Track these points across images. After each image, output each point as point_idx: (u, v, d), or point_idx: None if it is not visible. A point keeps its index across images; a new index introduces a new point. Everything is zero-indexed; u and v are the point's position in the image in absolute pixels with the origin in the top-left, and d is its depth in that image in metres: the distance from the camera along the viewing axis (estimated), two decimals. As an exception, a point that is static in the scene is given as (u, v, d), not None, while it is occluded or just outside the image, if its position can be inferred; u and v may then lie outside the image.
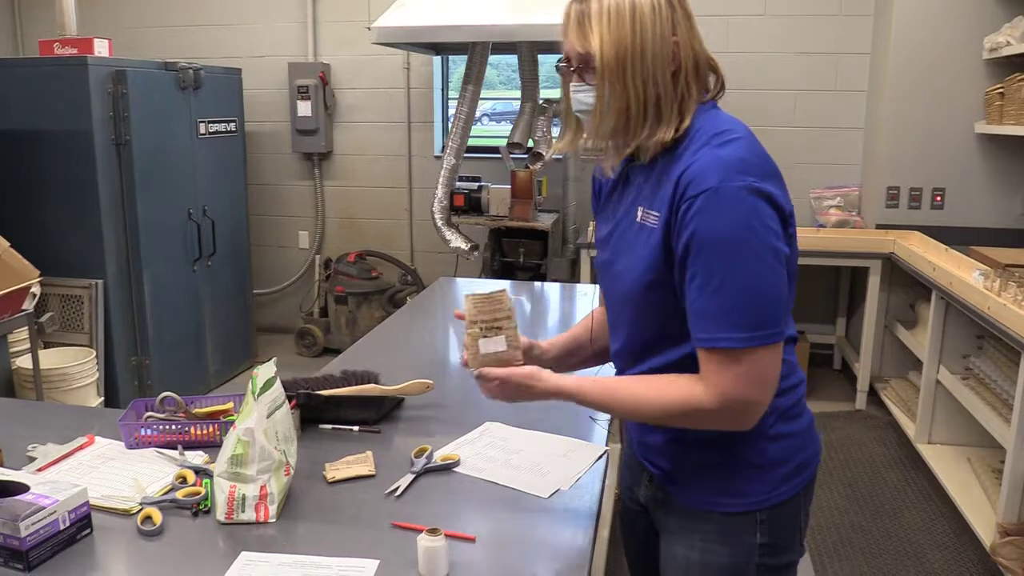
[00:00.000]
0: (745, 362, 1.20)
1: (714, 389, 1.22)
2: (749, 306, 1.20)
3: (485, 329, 1.44)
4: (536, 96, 4.65)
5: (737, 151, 1.23)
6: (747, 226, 1.19)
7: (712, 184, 1.19)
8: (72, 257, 3.98)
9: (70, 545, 1.36)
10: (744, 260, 1.19)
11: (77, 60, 3.88)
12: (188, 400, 1.85)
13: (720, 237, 1.19)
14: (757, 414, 1.25)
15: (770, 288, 1.22)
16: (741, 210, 1.19)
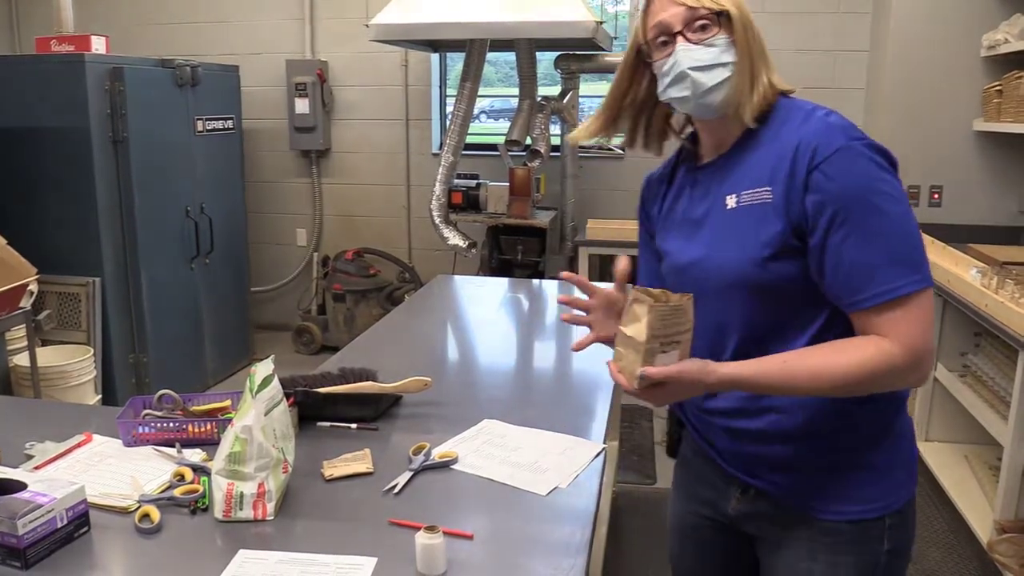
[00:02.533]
0: (922, 307, 1.18)
1: (903, 340, 1.17)
2: (913, 249, 1.20)
3: (663, 344, 1.23)
4: (534, 93, 4.65)
5: (843, 119, 1.28)
6: (885, 177, 1.22)
7: (841, 143, 1.21)
8: (70, 255, 3.98)
9: (68, 543, 1.36)
10: (895, 205, 1.20)
11: (74, 57, 3.87)
12: (186, 398, 1.85)
13: (869, 189, 1.20)
14: (924, 375, 1.22)
15: (917, 231, 1.22)
16: (875, 162, 1.22)
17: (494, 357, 2.61)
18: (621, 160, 5.30)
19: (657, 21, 1.33)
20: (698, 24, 1.30)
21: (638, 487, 3.62)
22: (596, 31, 3.93)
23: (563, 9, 3.99)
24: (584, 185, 5.15)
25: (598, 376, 2.27)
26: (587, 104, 5.80)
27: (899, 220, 1.20)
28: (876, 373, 1.19)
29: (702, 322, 1.27)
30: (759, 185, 1.28)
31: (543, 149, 4.52)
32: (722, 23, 1.30)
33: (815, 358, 1.23)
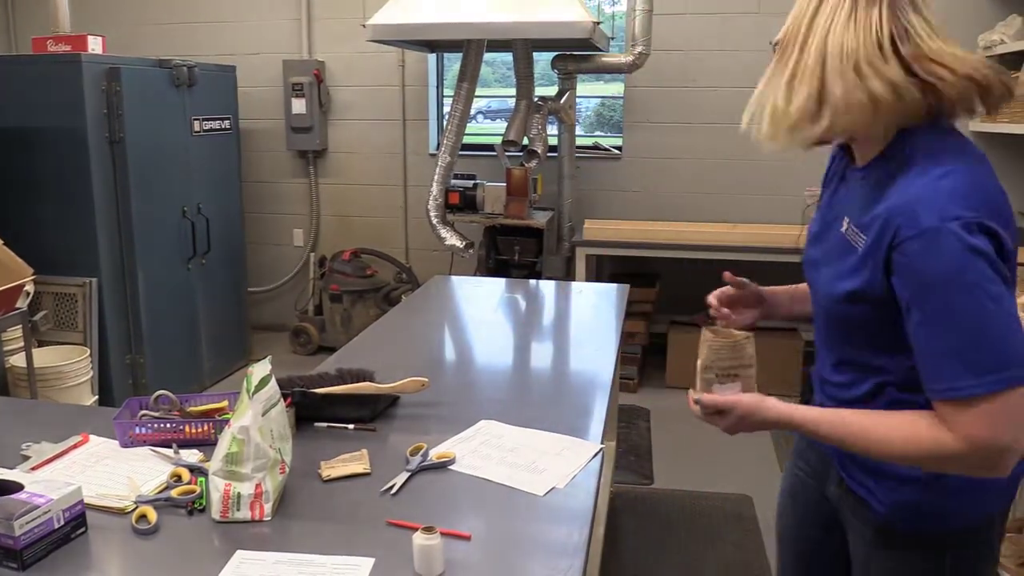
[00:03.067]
0: (993, 404, 1.11)
1: (962, 434, 1.14)
2: (985, 349, 1.12)
3: (720, 376, 1.36)
4: (531, 94, 4.66)
5: (957, 184, 1.17)
6: (973, 265, 1.12)
7: (929, 224, 1.13)
8: (66, 255, 3.97)
9: (64, 544, 1.36)
10: (976, 300, 1.12)
11: (71, 57, 3.86)
12: (183, 398, 1.85)
13: (946, 280, 1.13)
14: (1013, 458, 1.14)
15: (1000, 326, 1.12)
16: (967, 246, 1.11)
17: (491, 358, 2.61)
18: (618, 160, 5.30)
19: None
20: None
21: (635, 487, 3.62)
22: (593, 31, 3.94)
23: (560, 9, 3.99)
24: (581, 185, 5.16)
25: (595, 376, 2.28)
26: (584, 104, 5.81)
27: (976, 315, 1.12)
28: (929, 458, 1.19)
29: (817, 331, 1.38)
30: (861, 227, 1.25)
31: (540, 149, 4.52)
32: None
33: (876, 425, 1.23)
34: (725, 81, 5.04)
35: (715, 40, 5.01)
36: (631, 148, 5.27)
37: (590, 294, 3.38)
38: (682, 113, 5.14)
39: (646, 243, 4.63)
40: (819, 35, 1.29)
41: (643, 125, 5.21)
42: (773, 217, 5.05)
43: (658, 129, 5.19)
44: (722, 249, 4.53)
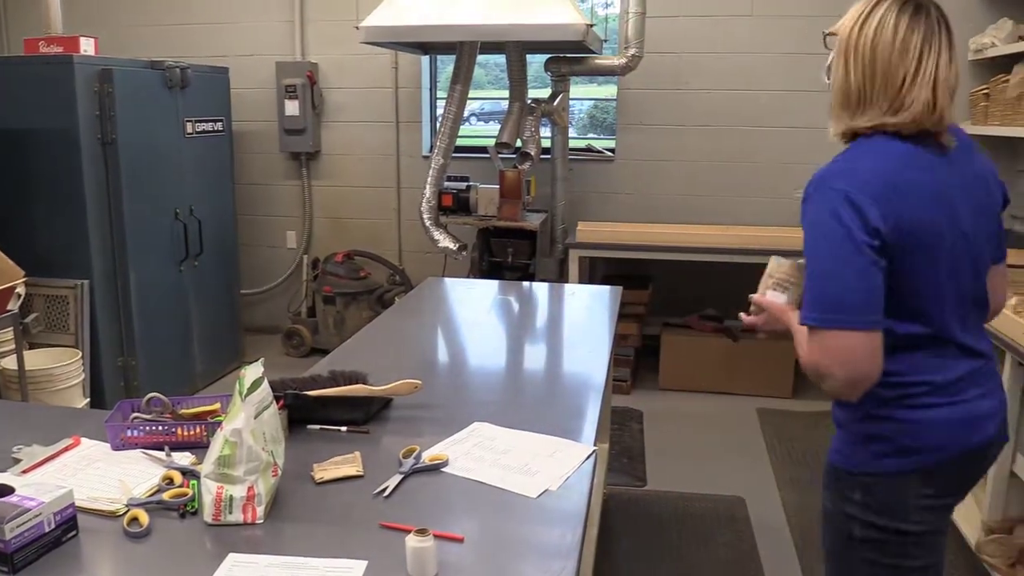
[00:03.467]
0: (817, 336, 1.47)
1: (802, 352, 1.53)
2: (818, 289, 1.48)
3: (775, 284, 1.70)
4: (524, 96, 4.66)
5: (838, 165, 1.54)
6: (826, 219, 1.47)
7: (808, 191, 1.53)
8: (58, 257, 3.96)
9: (56, 547, 1.35)
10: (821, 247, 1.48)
11: (63, 59, 3.85)
12: (175, 401, 1.84)
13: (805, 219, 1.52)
14: (837, 386, 1.48)
15: (831, 270, 1.46)
16: (825, 205, 1.47)
17: (484, 360, 2.61)
18: (611, 163, 5.31)
19: None
20: None
21: (628, 489, 3.62)
22: (586, 34, 3.94)
23: (553, 12, 3.99)
24: (574, 187, 5.16)
25: (588, 378, 2.28)
26: (577, 107, 5.81)
27: (814, 259, 1.50)
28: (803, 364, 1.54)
29: None
30: None
31: (533, 151, 4.52)
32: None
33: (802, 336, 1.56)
34: (718, 84, 5.05)
35: (708, 43, 5.02)
36: (624, 150, 5.27)
37: (583, 296, 3.39)
38: (675, 115, 5.15)
39: (639, 245, 4.64)
40: None
41: (636, 127, 5.22)
42: (766, 219, 5.07)
43: (651, 131, 5.20)
44: (715, 251, 4.53)
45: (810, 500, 3.51)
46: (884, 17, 1.53)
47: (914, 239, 1.47)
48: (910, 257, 1.48)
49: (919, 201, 1.48)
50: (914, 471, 1.56)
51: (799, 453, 3.99)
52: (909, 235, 1.46)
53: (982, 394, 1.60)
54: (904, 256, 1.47)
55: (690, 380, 4.78)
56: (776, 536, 3.24)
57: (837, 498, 1.65)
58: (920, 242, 1.48)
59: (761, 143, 5.09)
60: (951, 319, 1.55)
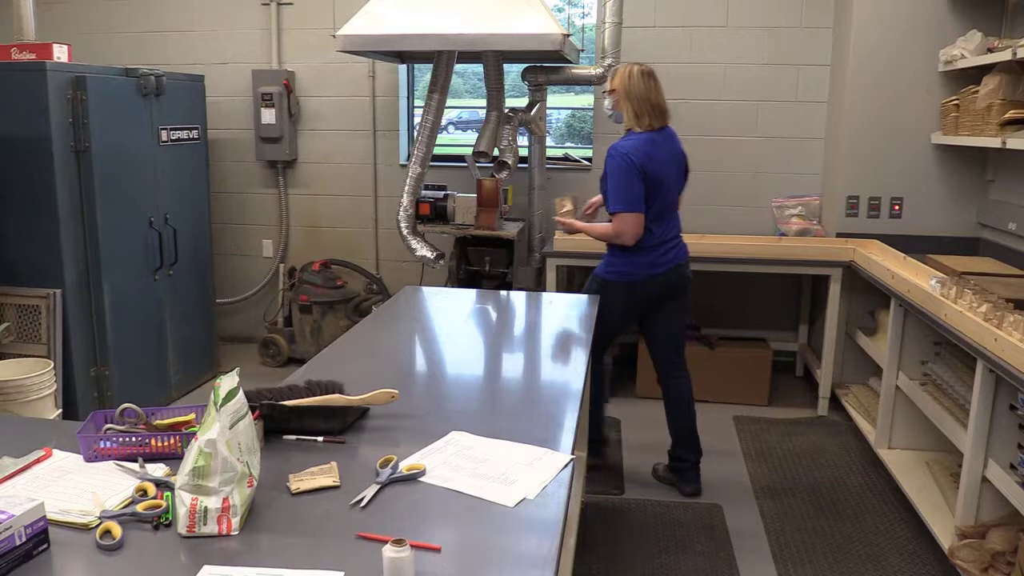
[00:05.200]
0: (617, 217, 3.32)
1: (604, 231, 3.41)
2: (617, 193, 3.31)
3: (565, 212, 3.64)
4: (502, 105, 4.67)
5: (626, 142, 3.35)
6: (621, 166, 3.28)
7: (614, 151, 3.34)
8: (30, 266, 3.91)
9: (26, 561, 1.33)
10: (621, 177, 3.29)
11: (35, 65, 3.81)
12: (149, 411, 1.83)
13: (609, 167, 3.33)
14: (628, 240, 3.34)
15: (628, 189, 3.29)
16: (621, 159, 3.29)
17: (462, 368, 2.61)
18: (588, 171, 5.33)
19: None
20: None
21: (606, 497, 3.63)
22: (563, 44, 3.96)
23: (530, 22, 4.01)
24: (552, 196, 5.16)
25: (566, 387, 2.28)
26: (555, 116, 5.83)
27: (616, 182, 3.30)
28: (607, 236, 3.41)
29: None
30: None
31: (511, 160, 4.53)
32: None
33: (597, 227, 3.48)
34: (694, 93, 5.09)
35: (684, 53, 5.06)
36: (601, 159, 5.28)
37: (561, 305, 3.39)
38: (651, 125, 5.17)
39: (616, 254, 4.65)
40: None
41: (613, 136, 5.22)
42: (742, 228, 5.11)
43: (628, 140, 5.22)
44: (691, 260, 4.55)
45: (787, 507, 3.53)
46: (639, 79, 3.37)
47: (654, 178, 3.33)
48: (652, 186, 3.32)
49: (656, 161, 3.34)
50: (642, 279, 3.45)
51: (775, 460, 4.01)
52: (652, 176, 3.32)
53: (672, 248, 3.49)
54: (650, 185, 3.32)
55: (667, 388, 4.80)
56: (753, 543, 3.25)
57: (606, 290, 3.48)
58: (656, 179, 3.34)
59: (735, 152, 5.14)
60: (665, 215, 3.43)
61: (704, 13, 5.01)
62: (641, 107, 3.33)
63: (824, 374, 4.57)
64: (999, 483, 2.75)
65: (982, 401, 2.79)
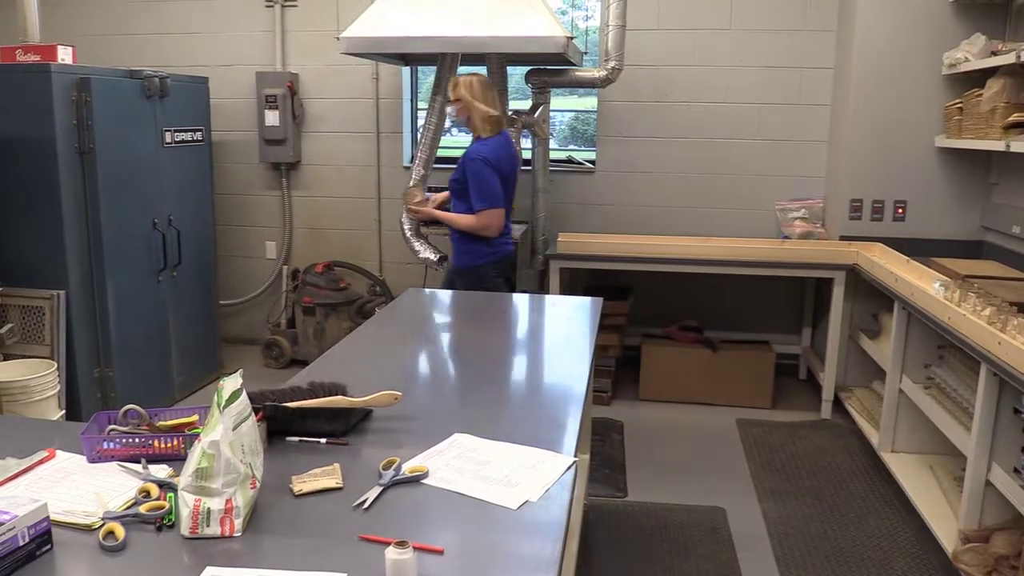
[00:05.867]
0: (481, 212, 3.70)
1: (465, 222, 3.76)
2: (481, 192, 3.69)
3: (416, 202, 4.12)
4: (505, 107, 4.67)
5: (480, 146, 3.75)
6: (481, 167, 3.68)
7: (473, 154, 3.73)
8: (33, 267, 3.92)
9: (29, 562, 1.33)
10: (484, 177, 3.68)
11: (40, 67, 3.82)
12: (152, 413, 1.83)
13: (472, 170, 3.69)
14: (491, 233, 3.75)
15: (490, 188, 3.69)
16: (480, 162, 3.68)
17: (465, 371, 2.61)
18: (592, 174, 5.33)
19: None
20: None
21: (609, 500, 3.63)
22: (567, 46, 3.96)
23: (534, 24, 4.01)
24: (555, 199, 5.18)
25: (569, 389, 2.28)
26: (557, 118, 5.84)
27: (479, 182, 3.68)
28: (471, 228, 3.74)
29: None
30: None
31: (514, 163, 4.53)
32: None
33: (458, 218, 3.81)
34: (697, 96, 5.09)
35: (688, 56, 5.06)
36: (605, 162, 5.30)
37: (564, 307, 3.39)
38: (655, 128, 5.18)
39: (619, 256, 4.65)
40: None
41: (616, 139, 5.25)
42: (745, 231, 5.11)
43: (631, 143, 5.23)
44: (694, 263, 4.56)
45: (791, 511, 3.52)
46: (480, 88, 3.74)
47: (505, 176, 3.77)
48: (503, 183, 3.75)
49: (505, 161, 3.78)
50: (495, 260, 3.84)
51: (779, 463, 4.01)
52: (504, 175, 3.76)
53: (509, 237, 3.95)
54: (503, 183, 3.75)
55: (670, 391, 4.80)
56: (756, 546, 3.25)
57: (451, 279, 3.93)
58: (504, 178, 3.77)
59: (739, 155, 5.14)
60: (507, 209, 3.86)
61: (708, 16, 5.01)
62: (486, 114, 3.74)
63: (827, 377, 4.56)
64: (1003, 487, 2.75)
65: (986, 404, 2.78)
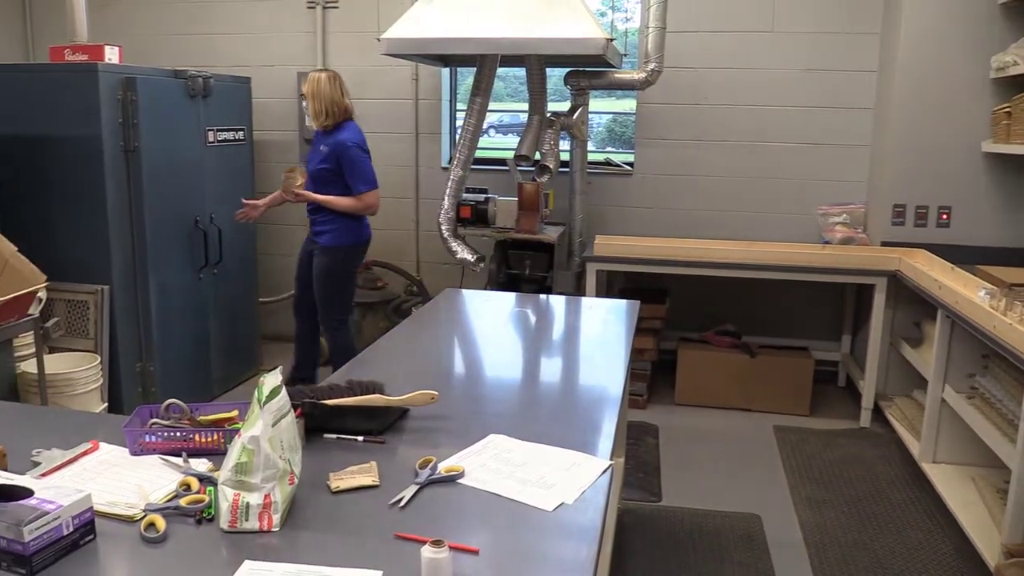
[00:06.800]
0: (363, 194, 4.20)
1: (346, 204, 4.20)
2: (364, 176, 4.18)
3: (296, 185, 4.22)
4: (544, 109, 4.67)
5: (349, 133, 4.21)
6: (359, 153, 4.19)
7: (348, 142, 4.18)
8: (79, 262, 3.99)
9: (73, 551, 1.36)
10: (361, 162, 4.19)
11: (87, 67, 3.90)
12: (193, 407, 1.85)
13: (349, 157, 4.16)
14: (373, 211, 4.29)
15: (369, 171, 4.21)
16: (355, 148, 4.17)
17: (501, 372, 2.61)
18: (629, 176, 5.31)
19: None
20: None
21: (643, 504, 3.60)
22: (606, 48, 3.95)
23: (574, 26, 4.01)
24: (592, 201, 5.16)
25: (605, 392, 2.27)
26: (595, 120, 5.82)
27: (359, 167, 4.17)
28: (352, 208, 4.21)
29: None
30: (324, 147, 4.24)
31: (552, 165, 4.53)
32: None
33: (337, 200, 4.20)
34: (738, 99, 5.05)
35: (728, 58, 5.02)
36: (643, 164, 5.28)
37: (600, 309, 3.38)
38: (694, 130, 5.15)
39: (657, 259, 4.63)
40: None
41: (655, 142, 5.22)
42: (785, 235, 5.05)
43: (670, 146, 5.20)
44: (733, 267, 4.52)
45: (828, 520, 3.48)
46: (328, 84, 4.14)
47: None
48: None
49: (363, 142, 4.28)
50: (365, 240, 4.39)
51: (816, 471, 3.95)
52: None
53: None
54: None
55: (706, 395, 4.76)
56: (792, 555, 3.21)
57: (329, 257, 4.29)
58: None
59: (780, 159, 5.08)
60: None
61: (749, 18, 4.97)
62: (332, 107, 4.13)
63: (867, 385, 4.49)
64: (1049, 500, 2.68)
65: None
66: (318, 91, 4.10)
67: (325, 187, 4.19)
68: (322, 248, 4.27)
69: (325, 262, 4.28)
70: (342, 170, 4.15)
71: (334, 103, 4.14)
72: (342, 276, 4.35)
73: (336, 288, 4.34)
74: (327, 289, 4.31)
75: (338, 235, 4.26)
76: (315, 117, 4.16)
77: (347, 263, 4.36)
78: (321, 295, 4.33)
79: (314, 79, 4.15)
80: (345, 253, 4.31)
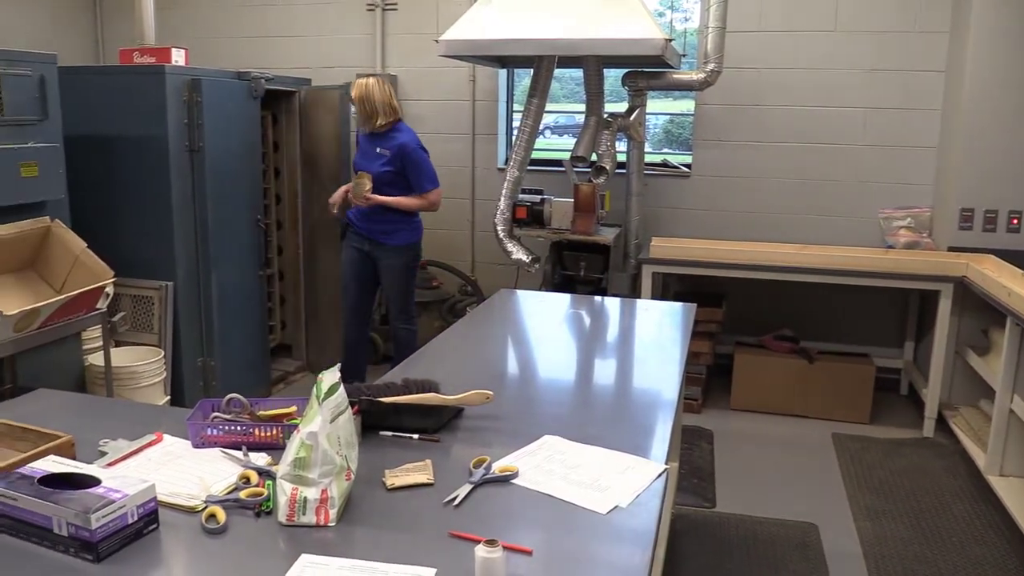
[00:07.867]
0: (429, 193, 4.32)
1: (415, 203, 4.32)
2: (430, 175, 4.33)
3: (366, 190, 4.22)
4: (601, 110, 4.65)
5: (409, 133, 4.33)
6: (422, 154, 4.29)
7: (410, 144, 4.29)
8: (145, 259, 4.09)
9: (137, 539, 1.40)
10: (424, 162, 4.31)
11: (155, 69, 4.00)
12: (253, 402, 1.89)
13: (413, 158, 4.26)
14: (437, 208, 4.44)
15: (432, 170, 4.33)
16: (418, 148, 4.29)
17: (555, 373, 2.61)
18: (687, 178, 5.25)
19: None
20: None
21: (697, 510, 3.56)
22: (665, 48, 3.92)
23: (632, 26, 3.98)
24: (649, 203, 5.12)
25: (659, 395, 2.25)
26: (653, 121, 5.78)
27: (424, 165, 4.29)
28: (419, 208, 4.35)
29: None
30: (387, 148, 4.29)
31: (608, 166, 4.51)
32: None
33: (405, 200, 4.28)
34: (798, 99, 4.96)
35: (789, 58, 4.94)
36: (700, 166, 5.22)
37: (656, 312, 3.35)
38: (753, 132, 5.07)
39: (713, 262, 4.57)
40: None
41: (713, 143, 5.16)
42: (847, 239, 4.95)
43: (728, 147, 5.13)
44: (792, 271, 4.44)
45: (888, 531, 3.39)
46: (381, 87, 4.23)
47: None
48: None
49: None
50: (421, 239, 4.50)
51: (876, 481, 3.86)
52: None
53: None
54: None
55: (763, 401, 4.69)
56: (850, 566, 3.14)
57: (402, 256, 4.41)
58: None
59: (841, 161, 4.98)
60: None
61: (811, 17, 4.88)
62: (385, 108, 4.23)
63: (931, 393, 4.37)
64: (1124, 517, 2.58)
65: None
66: (368, 94, 4.18)
67: (388, 188, 4.24)
68: (394, 248, 4.37)
69: (399, 261, 4.39)
70: (405, 171, 4.23)
71: (386, 104, 4.21)
72: (415, 272, 4.54)
73: (411, 285, 4.54)
74: (405, 286, 4.47)
75: (407, 234, 4.38)
76: (367, 120, 4.22)
77: (417, 259, 4.53)
78: (396, 293, 4.47)
79: (362, 84, 4.22)
80: (415, 250, 4.47)
